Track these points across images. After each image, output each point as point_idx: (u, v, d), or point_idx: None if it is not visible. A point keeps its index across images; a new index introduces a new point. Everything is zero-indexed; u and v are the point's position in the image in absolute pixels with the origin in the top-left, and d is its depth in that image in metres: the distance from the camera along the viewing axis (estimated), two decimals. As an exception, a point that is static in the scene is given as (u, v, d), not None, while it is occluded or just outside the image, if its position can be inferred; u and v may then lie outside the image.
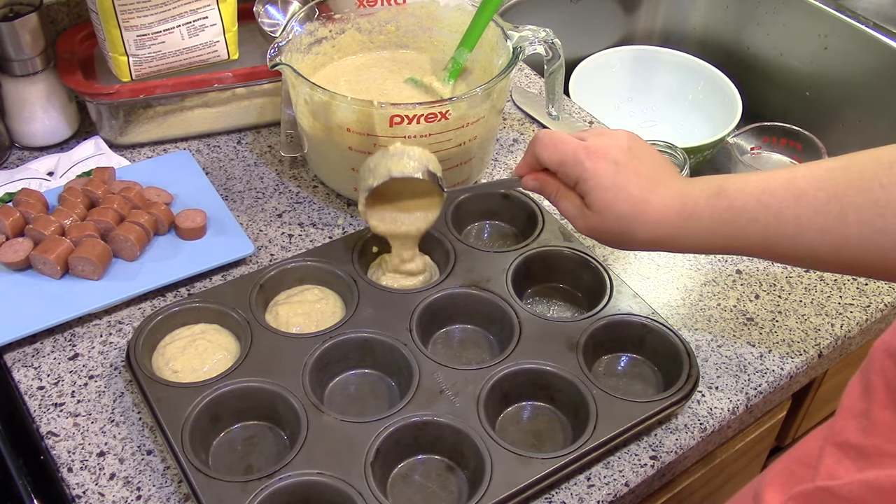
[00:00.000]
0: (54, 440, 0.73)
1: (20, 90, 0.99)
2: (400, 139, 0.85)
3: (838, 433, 0.46)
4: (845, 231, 0.63)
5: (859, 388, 0.46)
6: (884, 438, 0.43)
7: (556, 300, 0.87)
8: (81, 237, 0.84)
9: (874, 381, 0.45)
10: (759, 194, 0.66)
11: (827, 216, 0.63)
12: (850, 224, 0.62)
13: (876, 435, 0.44)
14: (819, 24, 1.33)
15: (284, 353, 0.76)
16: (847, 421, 0.46)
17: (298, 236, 0.93)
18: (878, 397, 0.44)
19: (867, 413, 0.45)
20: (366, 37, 1.03)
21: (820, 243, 0.64)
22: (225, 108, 1.04)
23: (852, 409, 0.46)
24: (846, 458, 0.45)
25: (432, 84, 0.97)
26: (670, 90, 1.41)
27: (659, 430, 0.76)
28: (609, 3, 1.48)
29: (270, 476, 0.67)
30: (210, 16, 0.97)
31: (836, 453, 0.45)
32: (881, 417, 0.44)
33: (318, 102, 0.88)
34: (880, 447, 0.43)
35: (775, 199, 0.65)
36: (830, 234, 0.63)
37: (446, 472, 0.72)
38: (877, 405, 0.44)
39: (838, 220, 0.63)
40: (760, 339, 0.84)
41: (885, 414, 0.44)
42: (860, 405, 0.45)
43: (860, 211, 0.62)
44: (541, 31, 0.94)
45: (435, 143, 0.88)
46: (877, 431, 0.44)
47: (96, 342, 0.81)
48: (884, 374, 0.45)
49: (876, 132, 1.30)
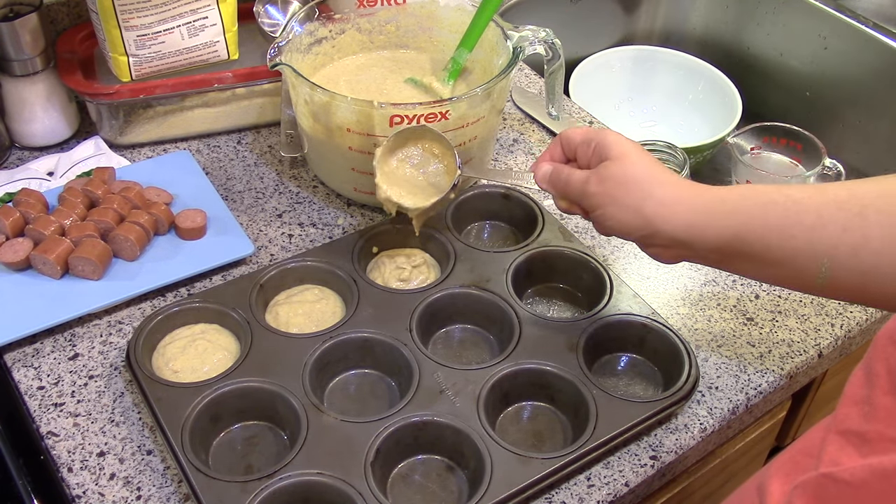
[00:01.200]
0: (54, 440, 0.73)
1: (20, 90, 0.99)
2: None
3: (841, 421, 0.46)
4: (865, 230, 0.62)
5: (862, 377, 0.46)
6: (885, 423, 0.44)
7: (556, 300, 0.87)
8: (81, 237, 0.84)
9: (877, 368, 0.45)
10: (779, 187, 0.67)
11: (847, 212, 0.62)
12: (871, 224, 0.61)
13: (878, 420, 0.44)
14: (819, 24, 1.32)
15: (284, 353, 0.76)
16: (849, 408, 0.46)
17: (298, 236, 0.93)
18: (881, 383, 0.45)
19: (869, 399, 0.45)
20: (366, 37, 1.03)
21: (839, 242, 0.63)
22: (225, 108, 1.04)
23: (854, 396, 0.46)
24: (849, 445, 0.45)
25: (432, 84, 0.97)
26: (670, 90, 1.41)
27: (659, 430, 0.76)
28: (609, 3, 1.48)
29: (270, 476, 0.67)
30: (210, 16, 0.97)
31: (839, 440, 0.45)
32: (883, 403, 0.44)
33: (318, 102, 0.88)
34: (882, 432, 0.44)
35: (795, 190, 0.65)
36: (850, 232, 0.62)
37: (446, 472, 0.72)
38: (879, 391, 0.45)
39: (859, 219, 0.62)
40: (760, 339, 0.84)
41: (887, 399, 0.44)
42: (862, 392, 0.46)
43: (880, 212, 0.61)
44: (541, 31, 0.94)
45: (435, 143, 0.88)
46: (878, 417, 0.44)
47: (96, 342, 0.81)
48: (886, 361, 0.45)
49: (876, 132, 1.30)
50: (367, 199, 0.95)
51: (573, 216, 0.95)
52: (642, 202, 0.68)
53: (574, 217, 0.96)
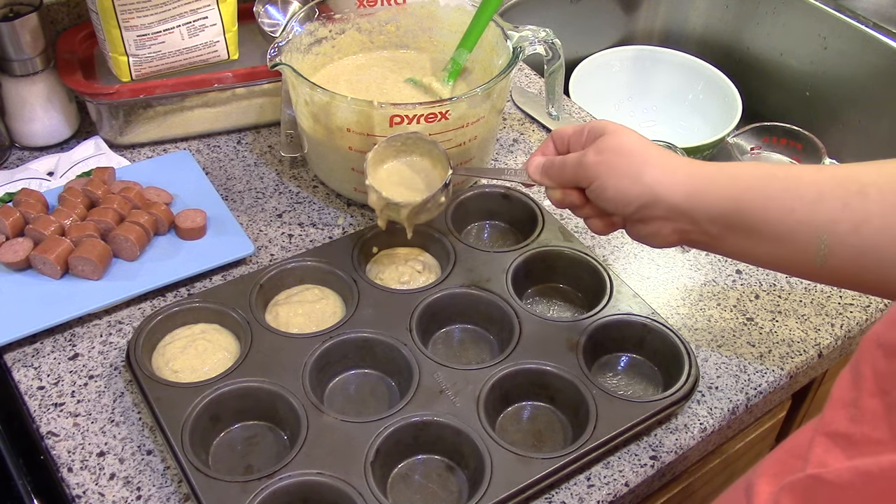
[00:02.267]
0: (54, 440, 0.73)
1: (20, 90, 0.99)
2: None
3: (828, 423, 0.46)
4: (866, 207, 0.61)
5: (849, 379, 0.46)
6: (871, 426, 0.44)
7: (556, 300, 0.87)
8: (81, 237, 0.84)
9: (863, 370, 0.45)
10: (778, 164, 0.67)
11: (847, 189, 0.62)
12: (872, 201, 0.61)
13: (864, 423, 0.44)
14: (819, 24, 1.33)
15: (284, 353, 0.76)
16: (836, 411, 0.46)
17: (298, 236, 0.93)
18: (867, 386, 0.45)
19: (856, 402, 0.45)
20: (366, 37, 1.03)
21: (839, 217, 0.62)
22: (225, 108, 1.04)
23: (841, 399, 0.46)
24: (835, 447, 0.45)
25: (432, 84, 0.97)
26: (670, 90, 1.41)
27: (659, 430, 0.76)
28: (609, 3, 1.48)
29: (270, 476, 0.67)
30: (210, 16, 0.97)
31: (826, 442, 0.46)
32: (869, 405, 0.44)
33: (318, 103, 0.88)
34: (868, 434, 0.44)
35: (794, 167, 0.66)
36: (851, 208, 0.62)
37: (446, 472, 0.72)
38: (865, 393, 0.45)
39: (859, 197, 0.62)
40: (760, 339, 0.84)
41: (873, 402, 0.44)
42: (849, 395, 0.46)
43: (881, 191, 0.61)
44: (541, 31, 0.94)
45: (435, 143, 0.88)
46: (864, 419, 0.44)
47: (96, 342, 0.81)
48: (873, 364, 0.45)
49: (876, 132, 1.30)
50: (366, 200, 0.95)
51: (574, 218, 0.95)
52: (641, 169, 0.68)
53: (574, 217, 0.96)
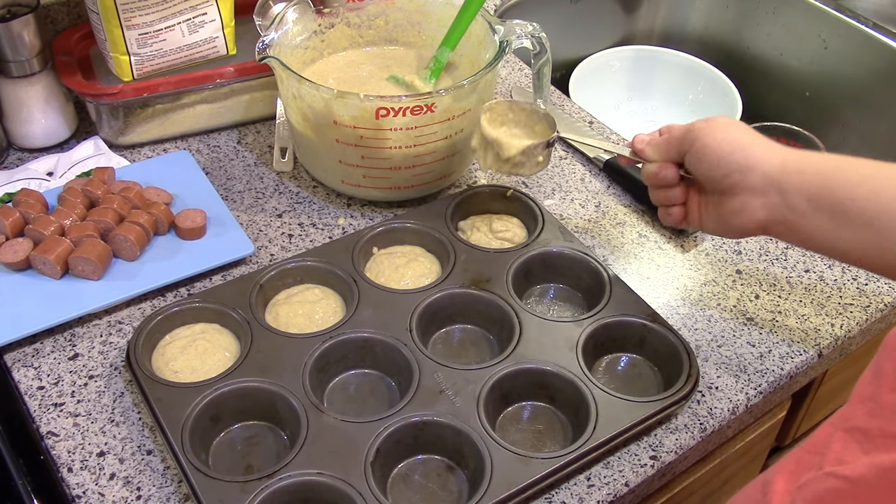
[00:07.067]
0: (54, 440, 0.73)
1: (18, 92, 0.98)
2: (387, 131, 0.86)
3: (847, 419, 0.47)
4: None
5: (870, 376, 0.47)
6: (888, 420, 0.44)
7: (556, 300, 0.87)
8: (81, 237, 0.84)
9: (885, 367, 0.46)
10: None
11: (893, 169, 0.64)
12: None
13: (881, 417, 0.44)
14: (819, 24, 1.33)
15: (284, 353, 0.76)
16: (855, 406, 0.46)
17: (298, 236, 0.93)
18: (887, 381, 0.45)
19: (874, 397, 0.45)
20: (355, 31, 1.03)
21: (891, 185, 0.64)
22: (224, 104, 1.04)
23: (861, 395, 0.46)
24: (853, 442, 0.45)
25: (413, 82, 0.97)
26: (670, 90, 1.41)
27: (659, 430, 0.76)
28: (609, 3, 1.48)
29: (270, 476, 0.67)
30: (209, 12, 0.97)
31: (844, 438, 0.46)
32: (887, 400, 0.45)
33: (305, 95, 0.88)
34: (884, 429, 0.44)
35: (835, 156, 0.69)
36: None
37: (446, 472, 0.72)
38: (885, 388, 0.45)
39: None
40: (760, 339, 0.84)
41: (891, 397, 0.44)
42: (869, 390, 0.46)
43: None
44: (528, 25, 0.94)
45: (421, 135, 0.88)
46: (882, 414, 0.45)
47: (96, 342, 0.81)
48: (894, 360, 0.45)
49: (876, 132, 1.30)
50: (355, 192, 0.95)
51: (574, 218, 0.95)
52: (741, 136, 0.72)
53: (574, 217, 0.96)
